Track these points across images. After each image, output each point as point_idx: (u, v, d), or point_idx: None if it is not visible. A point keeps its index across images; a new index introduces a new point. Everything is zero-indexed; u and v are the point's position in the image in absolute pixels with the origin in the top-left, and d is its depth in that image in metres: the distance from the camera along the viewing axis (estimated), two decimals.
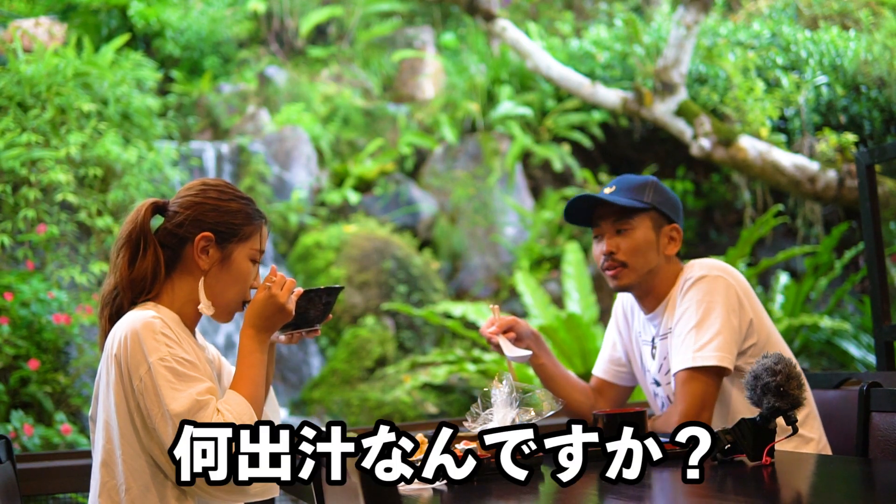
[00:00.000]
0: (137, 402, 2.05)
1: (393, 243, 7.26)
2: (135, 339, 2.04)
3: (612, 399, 2.83)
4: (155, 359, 2.03)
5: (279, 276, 2.19)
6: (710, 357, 2.44)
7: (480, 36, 8.81)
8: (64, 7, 8.32)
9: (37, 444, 4.55)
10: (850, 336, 6.35)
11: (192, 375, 2.05)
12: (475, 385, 6.33)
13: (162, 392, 2.01)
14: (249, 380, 2.13)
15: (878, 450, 2.31)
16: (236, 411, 2.05)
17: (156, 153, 5.99)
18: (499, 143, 8.04)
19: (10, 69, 5.82)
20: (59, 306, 5.02)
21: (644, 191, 2.62)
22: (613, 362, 2.83)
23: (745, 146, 6.39)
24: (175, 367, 2.03)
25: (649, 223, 2.61)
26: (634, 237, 2.60)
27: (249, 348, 2.15)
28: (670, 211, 2.63)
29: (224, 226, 2.19)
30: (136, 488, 2.06)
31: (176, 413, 2.00)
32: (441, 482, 1.99)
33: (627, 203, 2.59)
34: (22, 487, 2.50)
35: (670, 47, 6.58)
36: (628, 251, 2.59)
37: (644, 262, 2.60)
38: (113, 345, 2.08)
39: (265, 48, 9.43)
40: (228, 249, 2.19)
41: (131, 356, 2.04)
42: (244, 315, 2.19)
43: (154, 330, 2.05)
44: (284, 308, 2.16)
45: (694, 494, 1.83)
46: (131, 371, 2.04)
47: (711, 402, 2.46)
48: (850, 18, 7.57)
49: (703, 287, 2.51)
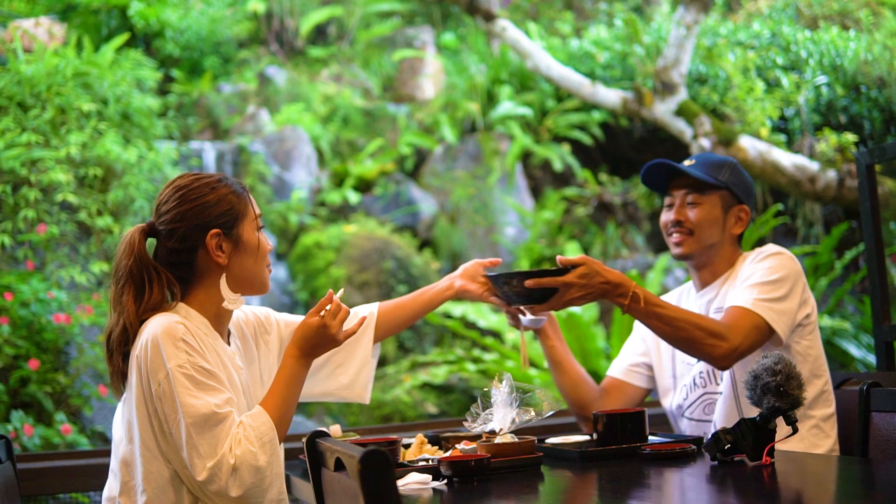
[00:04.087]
0: (156, 407, 2.04)
1: (393, 243, 7.26)
2: (155, 345, 2.03)
3: (622, 399, 2.81)
4: (174, 365, 2.02)
5: (335, 302, 2.18)
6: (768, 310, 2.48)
7: (480, 36, 8.81)
8: (64, 7, 8.31)
9: (37, 444, 4.55)
10: (850, 336, 6.34)
11: (211, 385, 2.04)
12: (475, 385, 6.33)
13: (179, 399, 2.01)
14: (283, 400, 2.11)
15: (878, 450, 2.30)
16: (258, 431, 2.04)
17: (156, 153, 5.99)
18: (499, 143, 8.04)
19: (11, 69, 5.82)
20: (59, 306, 5.02)
21: (721, 169, 2.70)
22: (632, 364, 2.83)
23: (745, 146, 6.39)
24: (193, 375, 2.02)
25: (719, 201, 2.69)
26: (704, 210, 2.68)
27: (292, 370, 2.14)
28: (742, 193, 2.70)
29: (222, 216, 2.18)
30: (151, 491, 2.06)
31: (192, 420, 1.99)
32: (441, 482, 1.99)
33: (703, 177, 2.67)
34: (22, 487, 2.50)
35: (670, 47, 6.58)
36: (696, 221, 2.67)
37: (709, 235, 2.67)
38: (138, 348, 2.08)
39: (265, 48, 9.43)
40: (236, 234, 2.20)
41: (151, 361, 2.03)
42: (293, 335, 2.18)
43: (175, 336, 2.04)
44: (335, 338, 2.16)
45: (694, 494, 1.84)
46: (150, 376, 2.04)
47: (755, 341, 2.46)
48: (850, 18, 7.57)
49: (779, 259, 2.57)
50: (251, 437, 2.02)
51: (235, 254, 2.19)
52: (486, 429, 2.19)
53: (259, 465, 2.01)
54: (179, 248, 2.16)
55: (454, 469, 1.99)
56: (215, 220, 2.18)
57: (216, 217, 2.18)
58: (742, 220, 2.71)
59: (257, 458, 2.01)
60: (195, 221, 2.16)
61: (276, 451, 2.05)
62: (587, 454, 2.20)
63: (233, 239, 2.19)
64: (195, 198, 2.18)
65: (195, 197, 2.18)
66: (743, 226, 2.71)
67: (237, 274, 2.20)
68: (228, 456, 1.99)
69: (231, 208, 2.20)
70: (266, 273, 2.25)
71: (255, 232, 2.23)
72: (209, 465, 1.99)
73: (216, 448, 1.99)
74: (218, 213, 2.18)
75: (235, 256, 2.19)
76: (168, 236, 2.17)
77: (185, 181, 2.21)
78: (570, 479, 2.04)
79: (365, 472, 1.55)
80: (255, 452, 2.01)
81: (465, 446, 2.16)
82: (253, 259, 2.21)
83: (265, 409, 2.09)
